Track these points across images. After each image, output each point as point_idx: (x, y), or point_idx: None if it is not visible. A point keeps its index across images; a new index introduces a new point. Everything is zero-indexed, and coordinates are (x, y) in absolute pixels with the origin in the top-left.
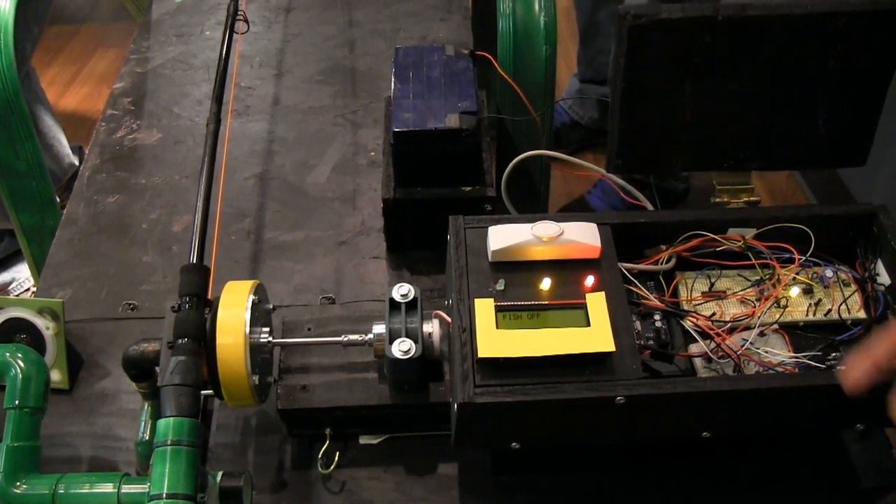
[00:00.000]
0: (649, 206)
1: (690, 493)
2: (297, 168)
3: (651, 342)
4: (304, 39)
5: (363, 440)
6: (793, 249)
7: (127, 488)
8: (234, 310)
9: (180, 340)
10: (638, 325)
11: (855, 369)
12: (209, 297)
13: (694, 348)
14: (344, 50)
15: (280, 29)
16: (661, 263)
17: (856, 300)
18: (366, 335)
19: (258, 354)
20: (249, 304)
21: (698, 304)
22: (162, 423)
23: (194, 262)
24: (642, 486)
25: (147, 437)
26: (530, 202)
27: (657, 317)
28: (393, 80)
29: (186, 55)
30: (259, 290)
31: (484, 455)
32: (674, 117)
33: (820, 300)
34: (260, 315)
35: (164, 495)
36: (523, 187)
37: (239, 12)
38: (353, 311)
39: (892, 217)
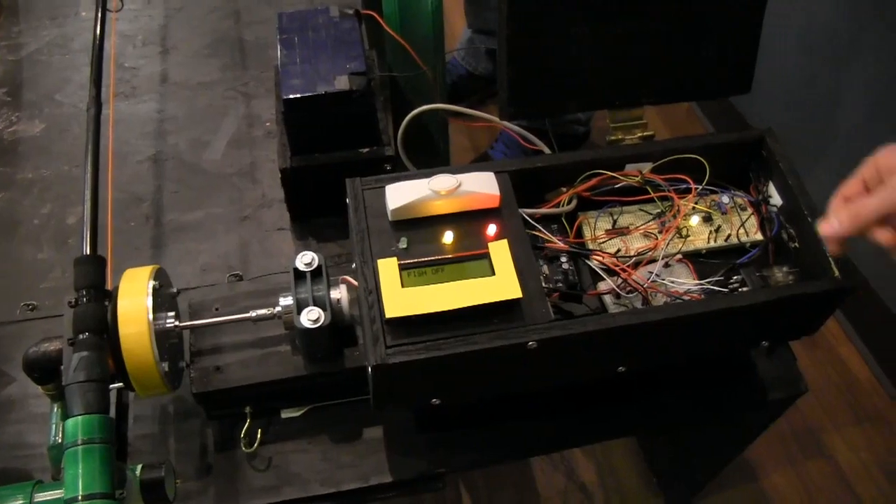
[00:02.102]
0: (547, 151)
1: (612, 428)
2: (192, 146)
3: (560, 284)
4: (187, 13)
5: (285, 414)
6: (689, 180)
7: (40, 496)
8: (134, 298)
9: (81, 336)
10: (545, 268)
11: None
12: (108, 287)
13: (602, 286)
14: (229, 21)
15: (160, 4)
16: (563, 206)
17: (753, 223)
18: (274, 308)
19: (165, 340)
20: (150, 290)
21: (603, 242)
22: (70, 422)
23: (87, 253)
24: (566, 428)
25: (59, 440)
26: (431, 159)
27: (563, 259)
28: (279, 46)
29: (63, 38)
30: (160, 275)
31: (408, 415)
32: (562, 59)
33: (719, 226)
34: (163, 300)
35: (80, 497)
36: (422, 144)
37: None
38: (262, 286)
39: (779, 140)
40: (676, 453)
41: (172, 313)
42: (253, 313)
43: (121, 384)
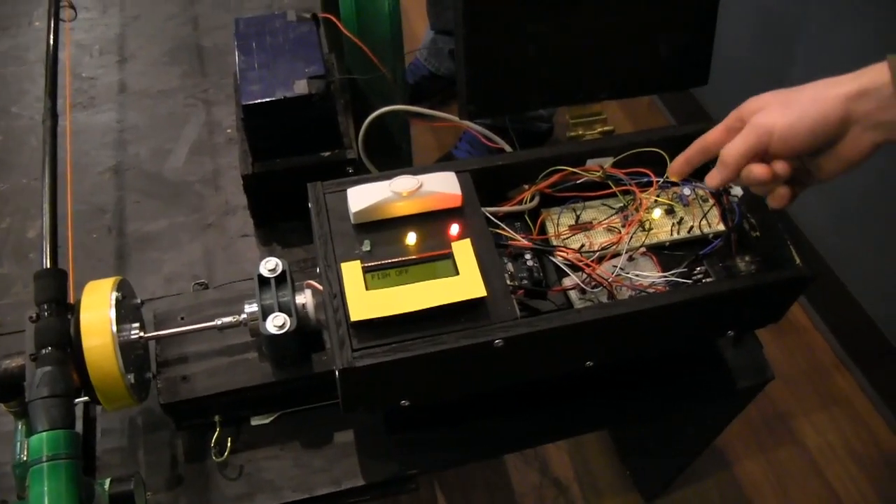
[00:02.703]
0: (508, 149)
1: (583, 423)
2: (153, 155)
3: (524, 281)
4: (144, 21)
5: (254, 421)
6: (650, 173)
7: None
8: (97, 310)
9: (44, 350)
10: (510, 266)
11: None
12: (71, 301)
13: (567, 281)
14: (188, 27)
15: (117, 12)
16: (525, 203)
17: (714, 214)
18: (240, 316)
19: (131, 352)
20: (113, 302)
21: (566, 238)
22: (34, 439)
23: (48, 266)
24: (537, 424)
25: (24, 458)
26: (393, 160)
27: (527, 256)
28: (236, 52)
29: (17, 49)
30: (123, 286)
31: (378, 417)
32: (520, 57)
33: (682, 218)
34: (127, 311)
35: None
36: (384, 146)
37: None
38: (228, 293)
39: None
40: (648, 445)
41: (137, 324)
42: (218, 321)
43: (86, 398)
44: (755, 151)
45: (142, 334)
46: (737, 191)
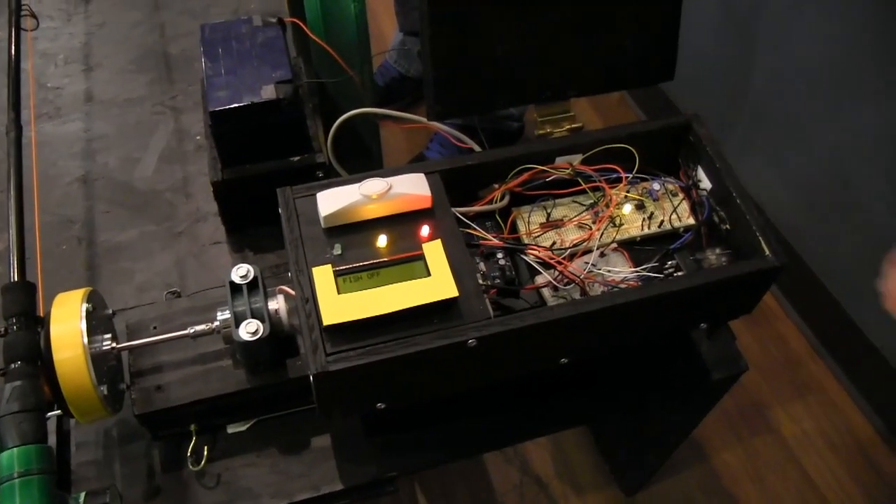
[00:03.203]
0: (477, 148)
1: (561, 419)
2: (122, 164)
3: (497, 280)
4: (109, 29)
5: (231, 429)
6: (619, 169)
7: None
8: (67, 322)
9: (13, 365)
10: (482, 266)
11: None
12: (40, 313)
13: (539, 279)
14: (154, 35)
15: (81, 21)
16: (496, 202)
17: (684, 208)
18: (212, 323)
19: (103, 363)
20: (83, 314)
21: (538, 236)
22: (5, 455)
23: (16, 279)
24: (515, 422)
25: None
26: (364, 163)
27: (499, 255)
28: (203, 59)
29: None
30: (93, 297)
31: (355, 421)
32: (486, 56)
33: (652, 213)
34: (98, 322)
35: None
36: (355, 149)
37: (23, 6)
38: (201, 301)
39: (705, 124)
40: (627, 440)
41: (109, 335)
42: (191, 330)
43: (59, 411)
44: None
45: (114, 345)
46: (706, 184)
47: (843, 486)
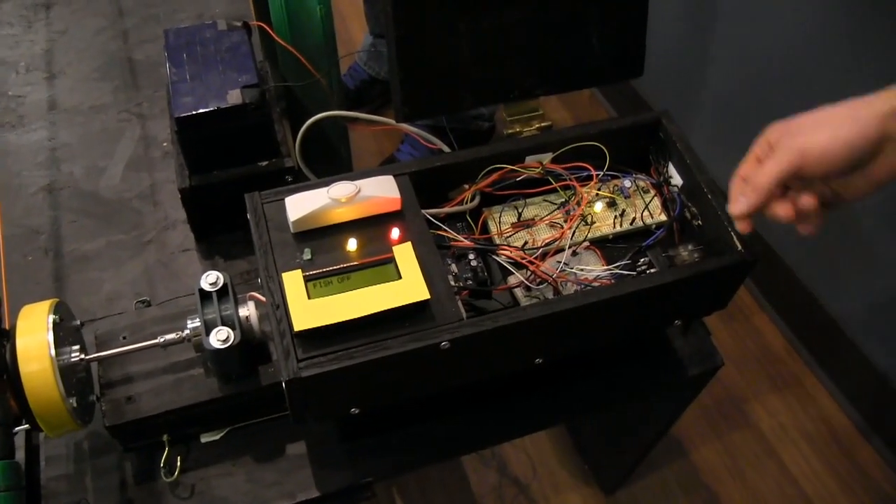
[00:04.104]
0: (446, 149)
1: (537, 419)
2: (88, 172)
3: (469, 282)
4: (72, 36)
5: (204, 438)
6: (589, 167)
7: None
8: (33, 335)
9: None
10: (454, 267)
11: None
12: (6, 326)
13: (512, 280)
14: (118, 41)
15: (42, 28)
16: (466, 203)
17: (656, 204)
18: (183, 332)
19: (72, 375)
20: (50, 325)
21: (509, 236)
22: None
23: None
24: (491, 424)
25: None
26: (333, 167)
27: (471, 256)
28: (167, 64)
29: None
30: (60, 308)
31: (330, 426)
32: (452, 57)
33: (624, 210)
34: (66, 334)
35: None
36: (323, 153)
37: None
38: (171, 310)
39: (675, 121)
40: (605, 438)
41: (77, 346)
42: (161, 339)
43: (27, 426)
44: (789, 175)
45: (83, 356)
46: (677, 180)
47: (820, 477)
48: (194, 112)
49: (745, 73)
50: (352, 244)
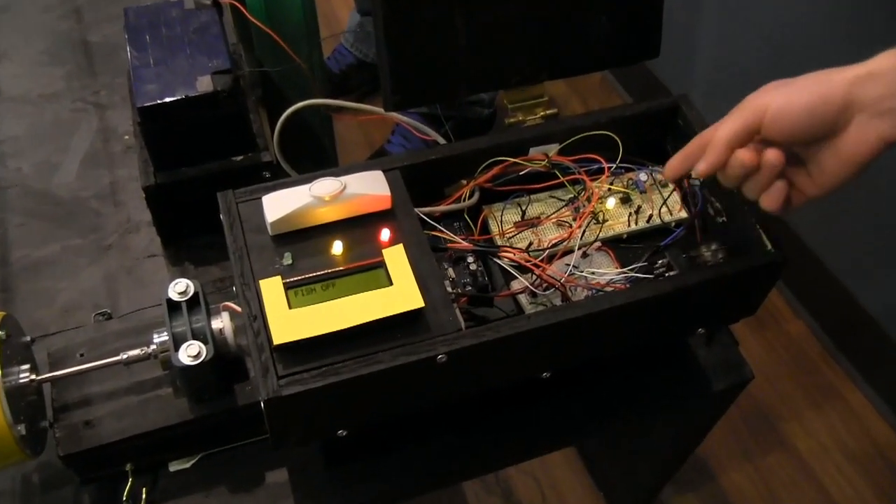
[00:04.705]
0: (441, 140)
1: (546, 439)
2: (39, 169)
3: (468, 288)
4: (15, 14)
5: (173, 466)
6: (600, 159)
7: None
8: None
9: None
10: (451, 271)
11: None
12: None
13: (515, 285)
14: (69, 20)
15: None
16: (464, 200)
17: (675, 200)
18: (148, 347)
19: (20, 399)
20: None
21: (512, 237)
22: None
23: None
24: (494, 445)
25: None
26: (316, 161)
27: (470, 259)
28: (128, 47)
29: None
30: (7, 323)
31: (314, 450)
32: (446, 41)
33: (639, 207)
34: (14, 352)
35: None
36: (305, 146)
37: None
38: (135, 323)
39: (694, 106)
40: (621, 461)
41: (27, 366)
42: (124, 355)
43: None
44: (747, 131)
45: (33, 377)
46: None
47: (865, 500)
48: (159, 101)
49: (770, 52)
50: (337, 247)
